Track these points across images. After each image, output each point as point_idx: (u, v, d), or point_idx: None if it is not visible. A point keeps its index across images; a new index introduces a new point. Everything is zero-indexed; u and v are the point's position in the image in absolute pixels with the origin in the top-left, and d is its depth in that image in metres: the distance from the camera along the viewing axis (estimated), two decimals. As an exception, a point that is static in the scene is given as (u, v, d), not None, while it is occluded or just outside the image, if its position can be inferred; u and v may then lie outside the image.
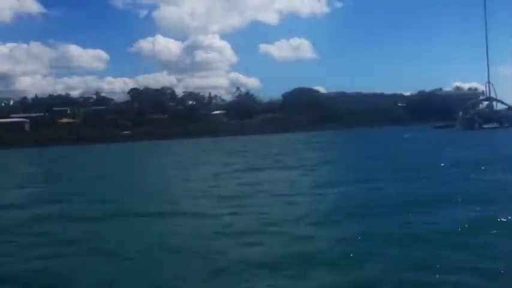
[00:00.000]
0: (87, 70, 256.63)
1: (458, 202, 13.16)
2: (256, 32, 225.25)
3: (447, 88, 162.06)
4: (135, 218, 13.30)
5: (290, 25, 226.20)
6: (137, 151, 68.31)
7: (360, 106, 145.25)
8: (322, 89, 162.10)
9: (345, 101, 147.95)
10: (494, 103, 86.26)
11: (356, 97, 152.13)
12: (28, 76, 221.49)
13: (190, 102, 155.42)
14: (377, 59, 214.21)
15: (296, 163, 30.62)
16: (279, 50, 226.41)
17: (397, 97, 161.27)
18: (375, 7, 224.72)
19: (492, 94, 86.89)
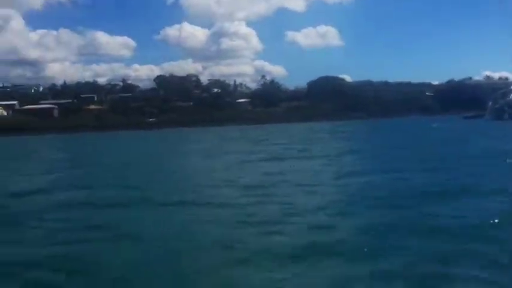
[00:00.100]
0: (114, 57, 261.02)
1: (487, 193, 12.86)
2: (282, 20, 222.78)
3: (477, 77, 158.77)
4: (159, 206, 13.40)
5: (317, 12, 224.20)
6: (162, 138, 69.00)
7: (387, 95, 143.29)
8: (348, 78, 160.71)
9: (371, 90, 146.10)
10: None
11: (382, 86, 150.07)
12: (57, 63, 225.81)
13: (215, 90, 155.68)
14: (405, 47, 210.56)
15: (321, 152, 30.42)
16: (305, 38, 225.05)
17: (425, 86, 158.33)
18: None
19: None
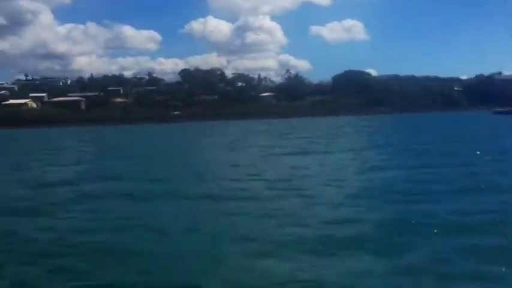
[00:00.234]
0: (140, 51, 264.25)
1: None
2: (307, 14, 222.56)
3: (506, 72, 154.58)
4: (184, 199, 13.56)
5: (342, 6, 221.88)
6: (187, 131, 69.54)
7: (414, 90, 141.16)
8: (373, 72, 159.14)
9: (398, 84, 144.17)
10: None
11: (409, 80, 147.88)
12: (84, 56, 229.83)
13: (239, 83, 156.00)
14: (432, 41, 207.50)
15: (345, 147, 30.22)
16: (331, 32, 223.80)
17: (453, 81, 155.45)
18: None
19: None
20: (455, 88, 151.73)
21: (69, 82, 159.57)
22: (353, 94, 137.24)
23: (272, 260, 7.85)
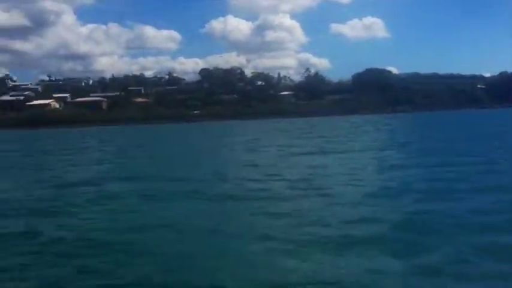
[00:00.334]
0: (160, 50, 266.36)
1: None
2: (327, 11, 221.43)
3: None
4: (204, 199, 13.63)
5: (362, 4, 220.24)
6: (207, 131, 69.88)
7: (436, 88, 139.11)
8: (394, 70, 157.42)
9: (419, 82, 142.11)
10: None
11: (431, 78, 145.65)
12: (106, 56, 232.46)
13: (259, 82, 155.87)
14: (454, 38, 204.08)
15: (365, 146, 29.99)
16: (351, 30, 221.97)
17: (476, 78, 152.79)
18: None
19: None
20: (478, 86, 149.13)
21: (91, 82, 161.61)
22: (373, 93, 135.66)
23: (293, 259, 7.89)
